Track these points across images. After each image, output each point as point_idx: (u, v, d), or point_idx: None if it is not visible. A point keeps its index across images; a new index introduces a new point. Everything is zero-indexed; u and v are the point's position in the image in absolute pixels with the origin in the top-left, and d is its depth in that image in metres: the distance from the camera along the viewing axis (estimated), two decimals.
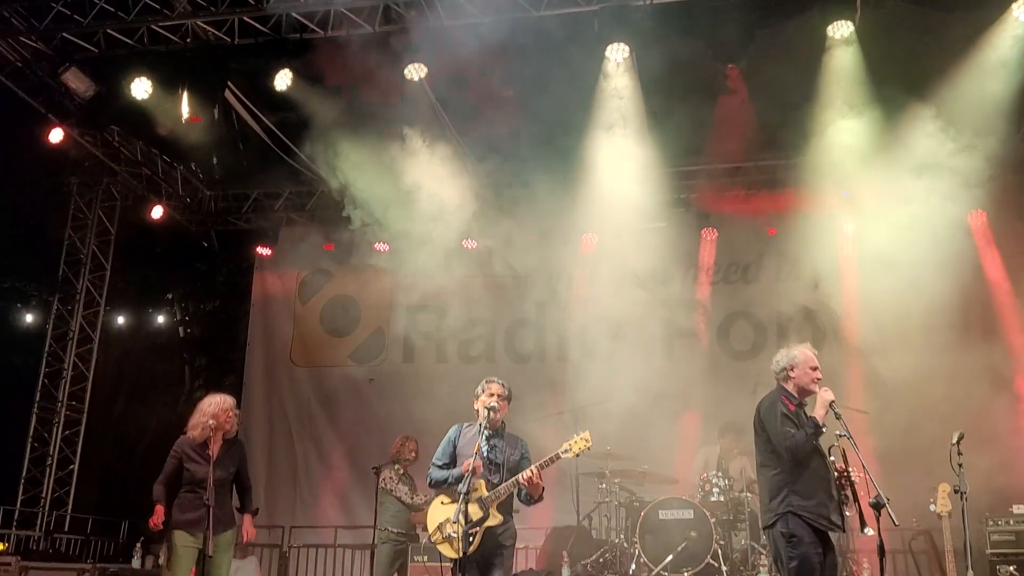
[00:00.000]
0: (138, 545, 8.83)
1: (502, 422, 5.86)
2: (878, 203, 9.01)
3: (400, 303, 11.28)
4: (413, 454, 8.97)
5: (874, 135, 8.44)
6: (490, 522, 5.57)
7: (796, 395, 5.42)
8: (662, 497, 8.07)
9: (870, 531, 6.33)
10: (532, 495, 5.65)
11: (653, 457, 8.87)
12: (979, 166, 8.20)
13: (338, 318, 11.78)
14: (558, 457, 5.63)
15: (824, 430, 5.37)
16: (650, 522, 7.89)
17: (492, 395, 5.80)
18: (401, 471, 8.97)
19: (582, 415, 8.46)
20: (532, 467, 5.56)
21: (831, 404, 5.32)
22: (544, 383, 9.80)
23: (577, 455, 5.66)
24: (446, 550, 5.66)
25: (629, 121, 8.92)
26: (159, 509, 6.04)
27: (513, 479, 5.61)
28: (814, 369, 5.48)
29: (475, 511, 5.57)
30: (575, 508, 8.82)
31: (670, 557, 7.61)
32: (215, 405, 6.26)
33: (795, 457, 5.22)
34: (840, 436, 5.30)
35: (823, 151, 8.69)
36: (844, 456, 5.44)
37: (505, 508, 5.70)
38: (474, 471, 5.50)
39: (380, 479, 8.83)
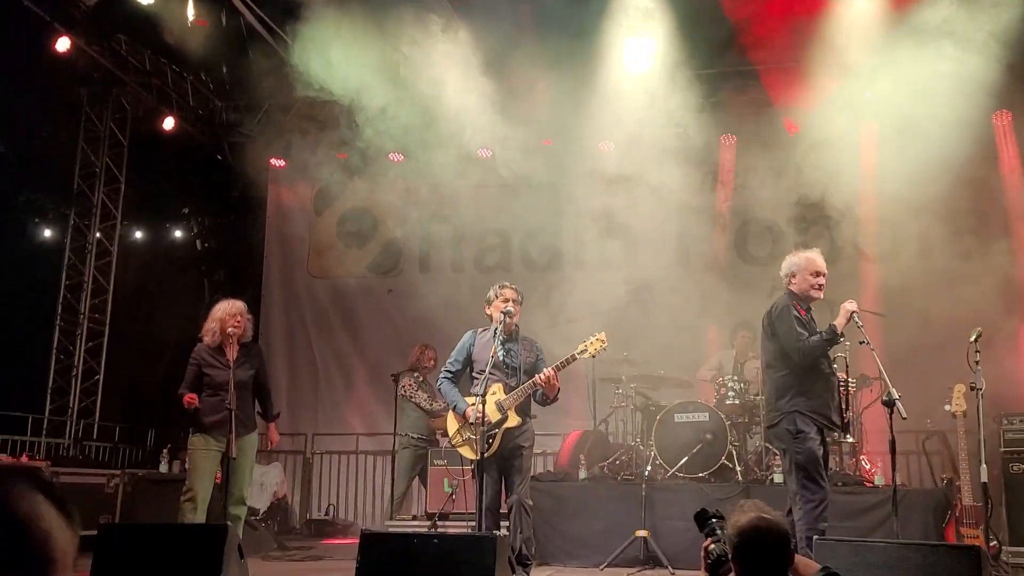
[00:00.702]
0: (164, 451, 9.05)
1: (516, 326, 5.91)
2: (899, 104, 8.79)
3: (415, 213, 11.24)
4: (432, 362, 9.10)
5: (899, 31, 8.20)
6: (508, 423, 5.68)
7: (802, 300, 5.51)
8: (678, 401, 8.18)
9: (850, 438, 6.47)
10: (548, 395, 5.74)
11: (669, 362, 8.96)
12: (1006, 61, 7.96)
13: (354, 229, 11.77)
14: (574, 358, 5.69)
15: (842, 339, 5.42)
16: (666, 425, 8.00)
17: (507, 300, 5.85)
18: (420, 378, 9.11)
19: (598, 321, 8.40)
20: (549, 368, 5.62)
21: (853, 314, 5.35)
22: (560, 290, 9.78)
23: (593, 355, 5.73)
24: (466, 452, 5.81)
25: (650, 21, 8.68)
26: (188, 396, 6.14)
27: (530, 381, 5.67)
28: (815, 275, 5.54)
29: (493, 413, 5.67)
30: (592, 413, 8.94)
31: (685, 459, 7.75)
32: (221, 310, 6.36)
33: (806, 360, 5.34)
34: (862, 344, 5.35)
35: (844, 48, 8.46)
36: (847, 367, 5.65)
37: (523, 410, 5.80)
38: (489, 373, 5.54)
39: (399, 386, 8.99)
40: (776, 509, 6.10)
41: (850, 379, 5.70)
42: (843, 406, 5.55)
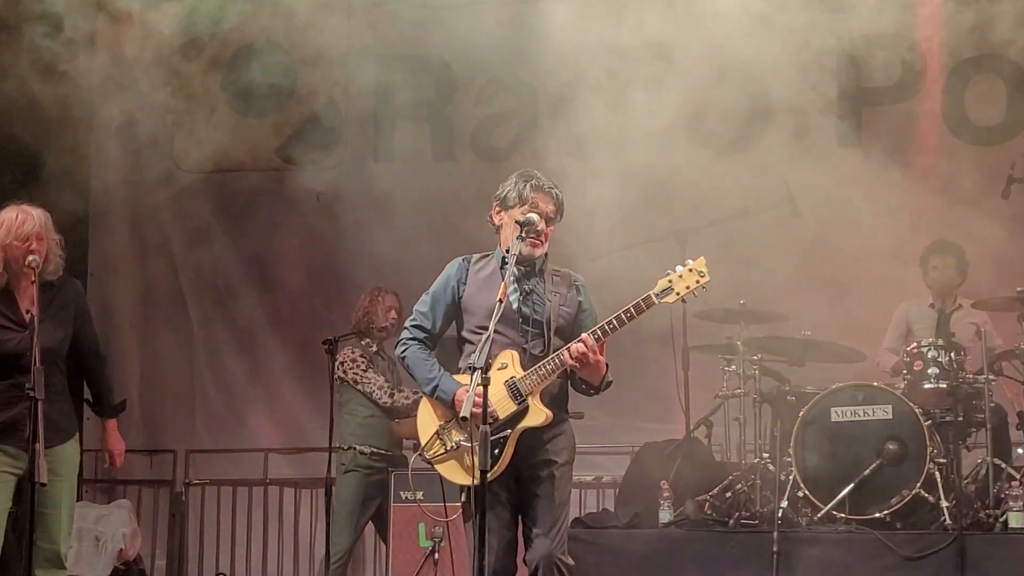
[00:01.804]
0: None
1: (544, 254, 5.91)
2: None
3: (365, 53, 11.10)
4: (392, 317, 9.13)
5: None
6: (529, 420, 5.66)
7: None
8: (836, 385, 8.15)
9: None
10: (589, 381, 5.74)
11: (818, 316, 8.92)
12: None
13: (255, 84, 11.62)
14: (648, 304, 5.64)
15: None
16: (815, 428, 8.02)
17: (534, 205, 5.78)
18: (373, 348, 9.16)
19: (695, 243, 8.47)
20: (586, 335, 5.58)
21: None
22: (629, 191, 9.68)
23: (683, 299, 5.70)
24: (451, 472, 5.78)
25: None
26: None
27: (557, 355, 5.67)
28: None
29: (503, 401, 5.62)
30: (682, 407, 8.94)
31: (849, 487, 7.73)
32: (4, 226, 6.29)
33: None
34: None
35: None
36: None
37: (555, 398, 5.79)
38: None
39: (337, 363, 8.97)
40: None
41: None
42: None
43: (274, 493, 11.16)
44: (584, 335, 5.60)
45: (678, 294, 5.64)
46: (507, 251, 5.76)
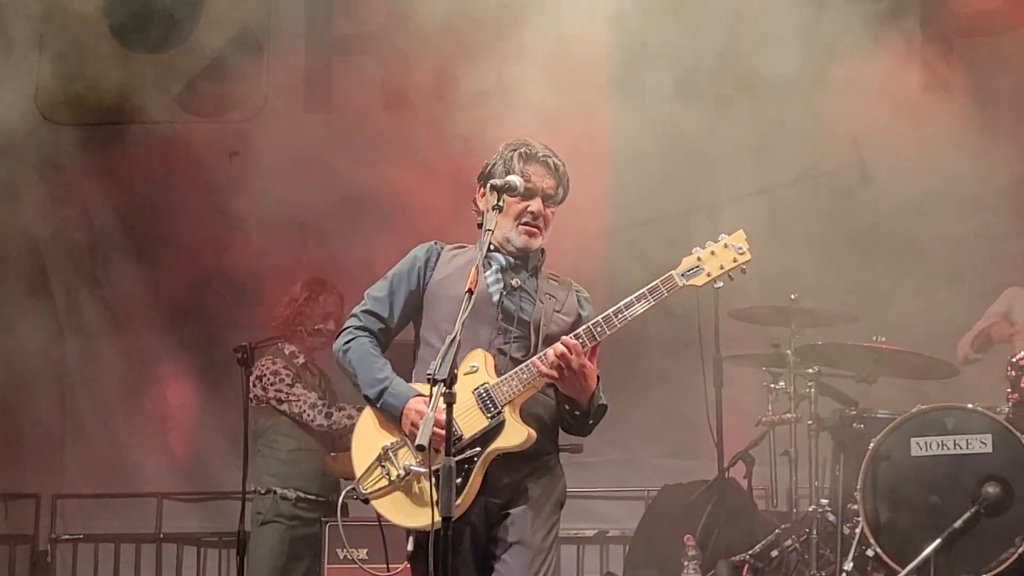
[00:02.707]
0: None
1: (541, 250, 5.98)
2: None
3: None
4: (331, 319, 9.11)
5: None
6: (505, 440, 5.61)
7: None
8: (918, 407, 8.14)
9: None
10: (575, 400, 5.63)
11: (895, 316, 8.96)
12: None
13: (146, 10, 11.65)
14: (670, 287, 5.61)
15: None
16: (891, 466, 8.04)
17: (525, 179, 5.78)
18: (299, 359, 9.15)
19: (731, 218, 8.31)
20: (566, 337, 5.46)
21: None
22: (645, 150, 9.70)
23: (716, 282, 5.65)
24: (394, 509, 5.69)
25: None
26: None
27: (538, 356, 5.59)
28: None
29: (471, 415, 5.61)
30: (712, 438, 8.95)
31: (936, 542, 7.69)
32: None
33: None
34: None
35: None
36: None
37: (542, 423, 5.75)
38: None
39: (253, 377, 8.98)
40: None
41: None
42: None
43: (170, 552, 11.17)
44: (565, 337, 5.50)
45: (709, 275, 5.58)
46: (479, 226, 5.75)
